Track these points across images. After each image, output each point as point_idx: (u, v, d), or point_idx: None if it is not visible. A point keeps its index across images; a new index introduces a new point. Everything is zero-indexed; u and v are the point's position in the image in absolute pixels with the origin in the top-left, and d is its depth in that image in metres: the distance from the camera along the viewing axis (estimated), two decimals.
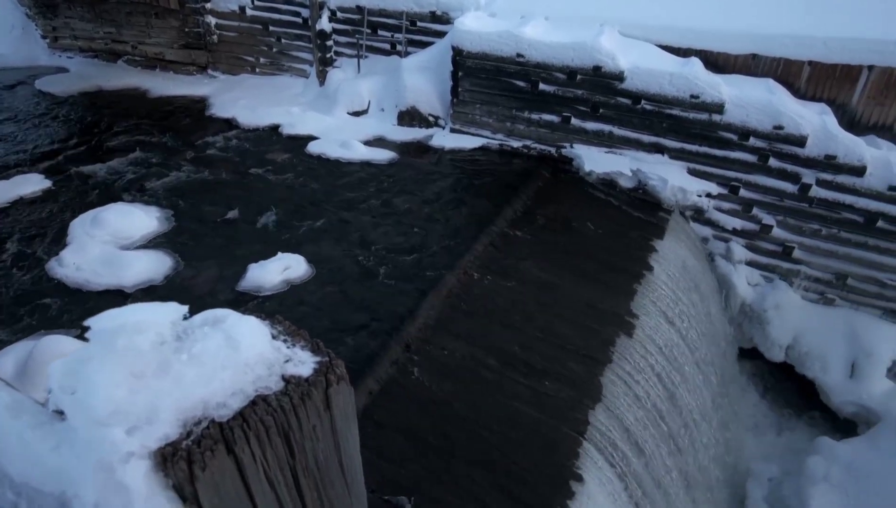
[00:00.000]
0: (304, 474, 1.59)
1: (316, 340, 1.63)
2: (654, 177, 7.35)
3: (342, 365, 1.60)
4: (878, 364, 7.06)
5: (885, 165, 6.70)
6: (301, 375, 1.52)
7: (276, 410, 1.44)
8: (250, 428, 1.40)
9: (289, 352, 1.56)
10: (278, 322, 1.65)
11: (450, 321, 5.48)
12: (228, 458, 1.39)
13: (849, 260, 7.17)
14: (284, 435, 1.48)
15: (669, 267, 6.54)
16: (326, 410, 1.58)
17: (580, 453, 4.58)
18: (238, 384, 1.44)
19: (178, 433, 1.34)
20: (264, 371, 1.49)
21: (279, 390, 1.48)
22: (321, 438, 1.60)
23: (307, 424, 1.53)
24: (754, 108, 6.94)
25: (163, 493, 1.30)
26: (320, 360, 1.57)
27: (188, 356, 1.43)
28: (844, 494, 5.91)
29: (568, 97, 7.72)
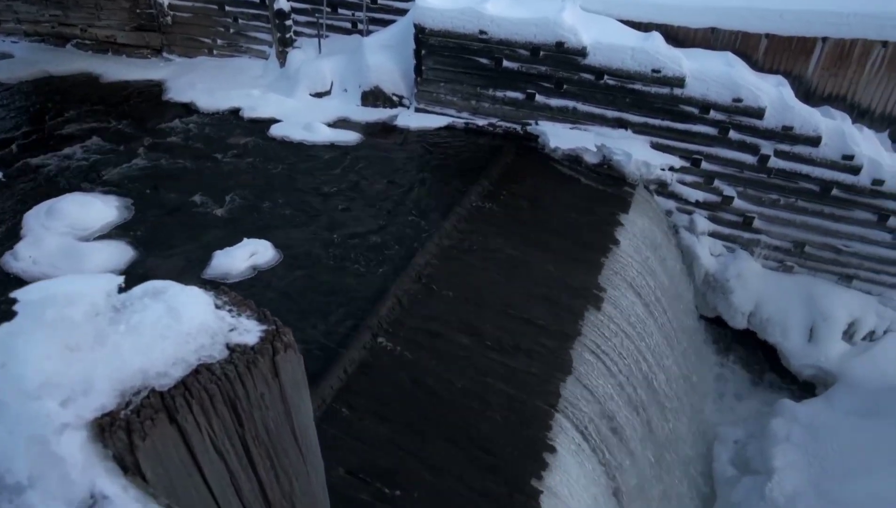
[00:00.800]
0: (255, 443, 1.59)
1: (263, 309, 1.62)
2: (619, 152, 7.43)
3: (289, 333, 1.59)
4: (835, 328, 7.34)
5: (839, 134, 6.89)
6: (246, 343, 1.50)
7: (220, 378, 1.43)
8: (193, 397, 1.39)
9: (233, 321, 1.55)
10: (223, 293, 1.63)
11: (421, 301, 5.49)
12: (171, 427, 1.38)
13: (806, 228, 7.39)
14: (231, 404, 1.47)
15: (635, 240, 6.65)
16: (275, 378, 1.57)
17: (552, 425, 4.67)
18: (180, 354, 1.43)
19: (116, 404, 1.33)
20: (207, 340, 1.47)
21: (223, 358, 1.46)
22: (270, 406, 1.59)
23: (254, 392, 1.52)
24: (714, 81, 7.05)
25: (101, 464, 1.28)
26: (266, 328, 1.56)
27: (126, 327, 1.41)
28: (804, 452, 6.16)
29: (532, 74, 7.71)
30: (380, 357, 4.94)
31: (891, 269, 7.29)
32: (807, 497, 5.86)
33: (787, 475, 6.02)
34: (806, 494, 5.88)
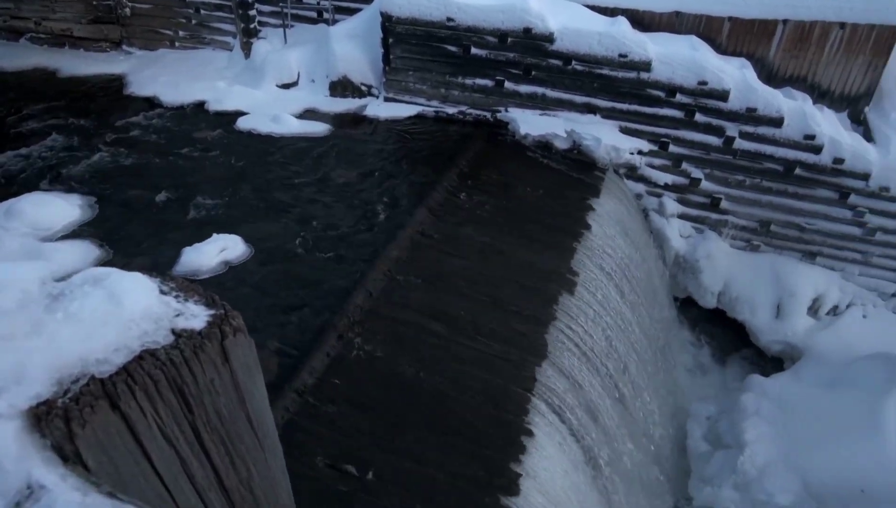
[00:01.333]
0: (207, 429, 1.58)
1: (212, 293, 1.60)
2: (588, 137, 7.49)
3: (239, 317, 1.57)
4: (800, 304, 7.55)
5: (801, 115, 7.05)
6: (193, 328, 1.48)
7: (165, 364, 1.41)
8: (136, 383, 1.37)
9: (179, 306, 1.52)
10: (170, 279, 1.61)
11: (395, 291, 5.48)
12: (114, 414, 1.35)
13: (771, 208, 7.56)
14: (178, 389, 1.45)
15: (606, 225, 6.73)
16: (225, 363, 1.55)
17: (529, 409, 4.72)
18: (122, 340, 1.41)
19: (53, 392, 1.30)
20: (151, 326, 1.45)
21: (168, 344, 1.44)
22: (221, 391, 1.57)
23: (203, 377, 1.50)
24: (679, 65, 7.14)
25: (38, 454, 1.26)
26: (215, 313, 1.53)
27: (64, 315, 1.38)
28: (774, 425, 6.34)
29: (500, 61, 7.71)
30: (355, 349, 4.92)
31: (852, 245, 7.51)
32: (777, 467, 6.04)
33: (757, 447, 6.19)
34: (776, 465, 6.06)
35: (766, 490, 5.97)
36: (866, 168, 7.01)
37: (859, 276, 7.67)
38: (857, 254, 7.56)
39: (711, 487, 6.24)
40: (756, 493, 5.99)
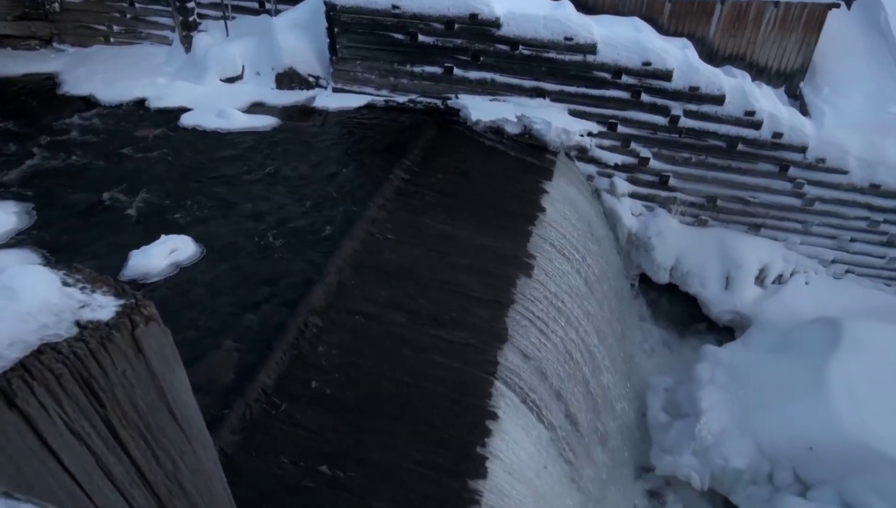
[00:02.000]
0: (123, 423, 1.52)
1: (122, 284, 1.55)
2: (539, 121, 7.55)
3: (151, 306, 1.52)
4: (747, 274, 7.85)
5: (741, 92, 7.27)
6: (100, 319, 1.43)
7: (67, 357, 1.36)
8: (35, 378, 1.31)
9: (85, 298, 1.47)
10: (76, 271, 1.54)
11: (353, 283, 5.43)
12: (11, 412, 1.29)
13: (716, 183, 7.81)
14: (85, 384, 1.39)
15: (560, 207, 6.82)
16: (138, 354, 1.50)
17: (492, 392, 4.78)
18: (17, 335, 1.35)
19: None
20: (51, 319, 1.40)
21: (72, 336, 1.39)
22: (136, 384, 1.52)
23: (114, 370, 1.45)
24: (624, 46, 7.25)
25: None
26: (124, 303, 1.48)
27: None
28: (728, 392, 6.59)
29: (448, 47, 7.68)
30: (316, 343, 4.87)
31: (793, 215, 7.83)
32: (732, 432, 6.29)
33: (713, 414, 6.42)
34: (731, 430, 6.32)
35: (722, 454, 6.21)
36: (803, 141, 7.30)
37: (801, 245, 8.01)
38: (798, 224, 7.89)
39: (672, 455, 6.45)
40: (713, 458, 6.23)
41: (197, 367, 4.64)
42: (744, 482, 6.22)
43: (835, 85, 7.81)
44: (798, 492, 5.96)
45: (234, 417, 4.21)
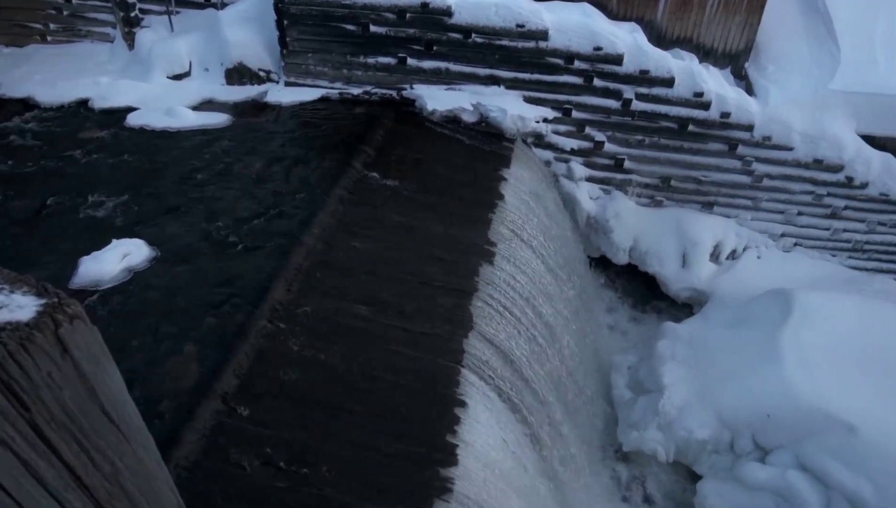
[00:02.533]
0: (52, 426, 1.47)
1: (43, 283, 1.51)
2: (494, 109, 7.58)
3: (76, 304, 1.47)
4: (703, 252, 8.08)
5: (689, 74, 7.44)
6: (19, 320, 1.38)
7: None
8: None
9: (3, 299, 1.42)
10: None
11: (315, 279, 5.38)
12: None
13: (670, 164, 7.99)
14: (6, 387, 1.34)
15: (519, 193, 6.88)
16: (64, 354, 1.45)
17: (460, 381, 4.80)
18: None
19: None
20: None
21: None
22: (64, 385, 1.47)
23: (37, 372, 1.40)
24: (574, 32, 7.33)
25: None
26: (46, 302, 1.43)
27: None
28: (688, 366, 6.79)
29: (401, 37, 7.62)
30: (279, 342, 4.81)
31: (743, 192, 8.08)
32: (693, 405, 6.49)
33: (675, 389, 6.61)
34: (692, 403, 6.51)
35: (686, 426, 6.40)
36: (750, 120, 7.53)
37: (752, 221, 8.28)
38: (748, 200, 8.14)
39: (638, 431, 6.62)
40: (677, 431, 6.42)
41: (157, 373, 4.54)
42: (707, 452, 6.43)
43: (778, 64, 8.06)
44: (758, 458, 6.20)
45: (198, 421, 4.13)
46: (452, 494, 4.17)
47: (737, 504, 6.05)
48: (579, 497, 6.46)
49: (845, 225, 8.13)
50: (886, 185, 7.72)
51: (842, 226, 8.14)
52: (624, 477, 7.09)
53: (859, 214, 8.01)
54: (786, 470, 5.92)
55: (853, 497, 5.55)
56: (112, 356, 1.64)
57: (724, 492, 6.15)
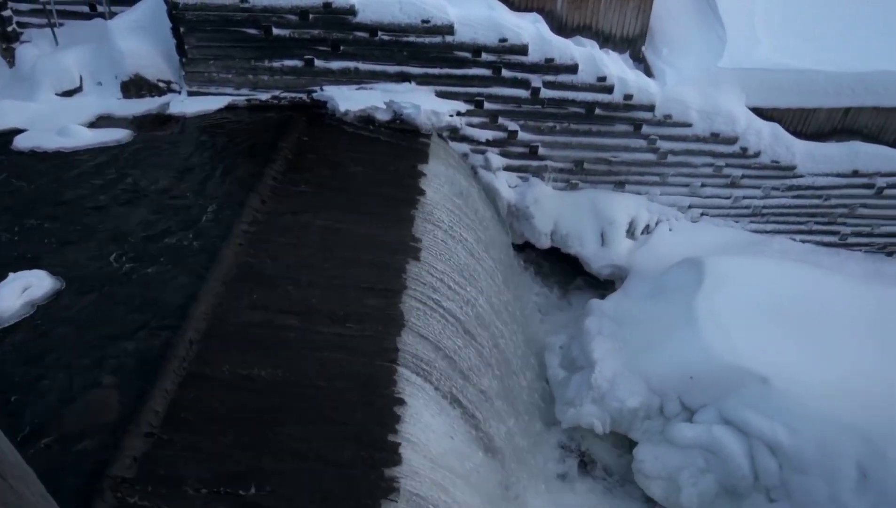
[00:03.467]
0: None
1: None
2: (408, 105, 7.59)
3: None
4: (619, 229, 8.44)
5: (592, 60, 7.72)
6: None
7: None
8: None
9: None
10: None
11: (238, 293, 5.21)
12: None
13: (581, 148, 8.28)
14: None
15: (439, 188, 6.93)
16: None
17: (397, 380, 4.80)
18: None
19: None
20: None
21: None
22: None
23: None
24: (479, 25, 7.44)
25: None
26: None
27: None
28: (614, 340, 7.08)
29: (305, 39, 7.48)
30: (206, 362, 4.64)
31: (650, 169, 8.49)
32: (623, 375, 6.78)
33: (605, 363, 6.88)
34: (622, 373, 6.80)
35: (618, 397, 6.68)
36: (651, 100, 7.91)
37: (661, 196, 8.72)
38: (656, 177, 8.57)
39: (574, 407, 6.85)
40: (611, 402, 6.69)
41: (74, 410, 4.26)
42: (639, 418, 6.74)
43: (671, 47, 8.51)
44: (686, 418, 6.56)
45: (125, 456, 3.91)
46: (399, 493, 4.17)
47: (670, 464, 6.39)
48: (525, 476, 6.62)
49: (744, 193, 8.72)
50: (776, 152, 8.34)
51: (741, 194, 8.73)
52: (566, 453, 7.31)
53: (755, 181, 8.61)
54: (711, 426, 6.30)
55: (771, 442, 5.99)
56: (17, 397, 1.54)
57: (659, 454, 6.48)
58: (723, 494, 6.25)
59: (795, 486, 5.87)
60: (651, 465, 6.46)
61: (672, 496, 6.34)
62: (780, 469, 5.97)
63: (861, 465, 5.66)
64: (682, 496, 6.26)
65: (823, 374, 6.29)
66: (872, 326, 6.80)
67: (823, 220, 9.00)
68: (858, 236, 9.16)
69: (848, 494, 5.60)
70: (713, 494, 6.25)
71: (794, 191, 8.68)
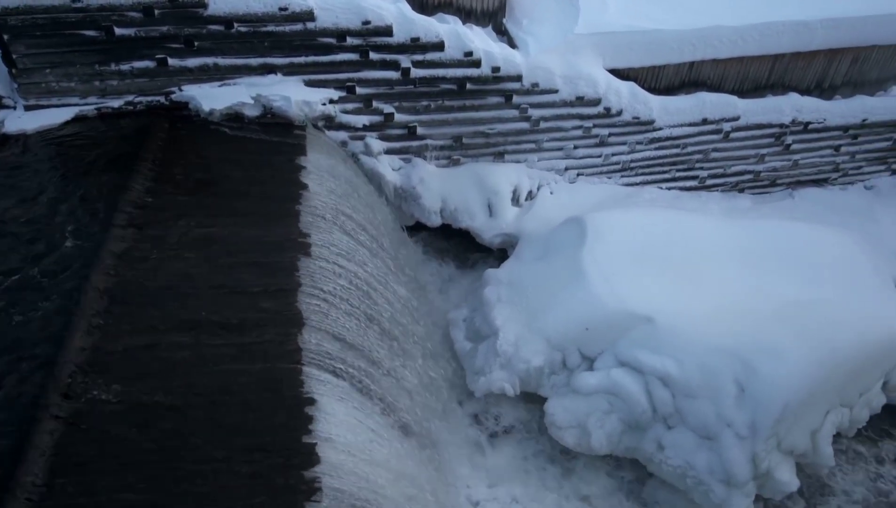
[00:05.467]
0: None
1: None
2: (277, 98, 7.31)
3: None
4: (504, 198, 8.71)
5: (456, 36, 7.82)
6: None
7: None
8: None
9: None
10: None
11: (117, 318, 4.83)
12: None
13: (457, 123, 8.41)
14: None
15: (321, 179, 6.78)
16: None
17: (303, 380, 4.70)
18: None
19: None
20: None
21: None
22: None
23: None
24: (340, 8, 7.28)
25: None
26: None
27: None
28: (514, 305, 7.34)
29: (154, 37, 6.95)
30: (90, 399, 4.28)
31: (526, 137, 8.80)
32: (525, 337, 7.07)
33: (507, 328, 7.13)
34: (524, 335, 7.09)
35: (523, 359, 6.97)
36: (518, 71, 8.16)
37: (539, 162, 9.08)
38: (532, 144, 8.91)
39: (484, 376, 7.06)
40: (517, 364, 6.96)
41: None
42: (546, 375, 7.08)
43: (530, 17, 8.81)
44: (587, 368, 6.98)
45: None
46: (322, 492, 4.12)
47: (579, 413, 6.79)
48: (447, 452, 6.77)
49: (612, 150, 9.28)
50: (636, 109, 8.93)
51: (610, 151, 9.29)
52: (483, 420, 7.55)
53: (621, 138, 9.18)
54: (610, 371, 6.75)
55: (662, 375, 6.53)
56: None
57: (567, 406, 6.86)
58: (628, 430, 6.74)
59: (687, 410, 6.45)
60: (561, 416, 6.82)
61: (584, 441, 6.75)
62: (673, 397, 6.52)
63: (738, 381, 6.30)
64: (593, 439, 6.68)
65: (699, 306, 6.91)
66: (734, 255, 7.54)
67: (683, 167, 9.81)
68: (715, 178, 10.08)
69: (730, 409, 6.23)
70: (619, 432, 6.73)
71: (655, 144, 9.36)
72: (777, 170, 10.26)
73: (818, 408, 6.57)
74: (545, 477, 7.08)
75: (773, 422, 6.12)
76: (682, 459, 6.40)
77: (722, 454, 6.21)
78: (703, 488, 6.30)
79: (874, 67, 9.99)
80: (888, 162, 10.70)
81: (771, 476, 6.35)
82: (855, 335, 6.74)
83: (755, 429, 6.13)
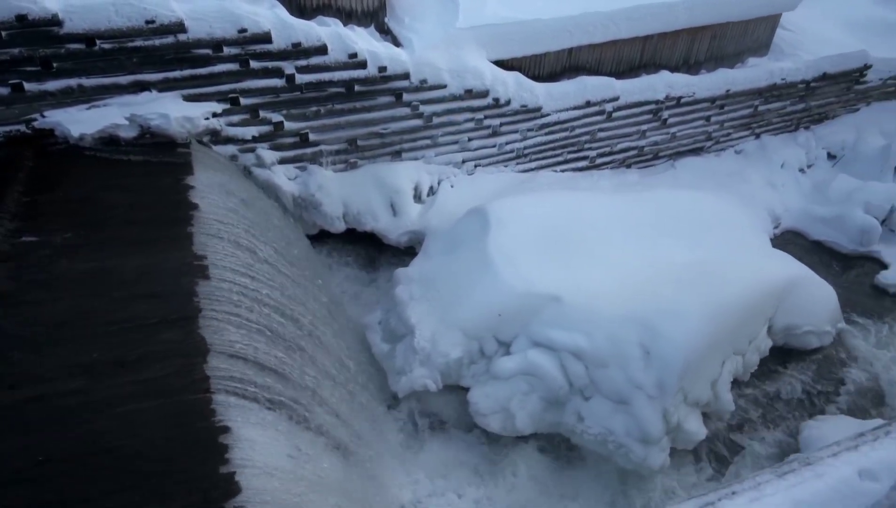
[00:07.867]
0: None
1: None
2: (154, 116, 6.90)
3: None
4: (406, 196, 8.74)
5: (339, 38, 7.73)
6: None
7: None
8: None
9: None
10: None
11: (1, 370, 4.41)
12: None
13: (350, 126, 8.33)
14: None
15: (213, 197, 6.48)
16: None
17: (215, 408, 4.50)
18: None
19: None
20: None
21: None
22: None
23: None
24: (213, 18, 6.98)
25: None
26: None
27: None
28: (426, 300, 7.39)
29: (5, 61, 6.36)
30: None
31: (421, 134, 8.87)
32: (442, 332, 7.15)
33: (422, 325, 7.18)
34: (440, 331, 7.17)
35: (442, 353, 7.04)
36: (404, 69, 8.19)
37: (436, 157, 9.18)
38: (428, 140, 8.99)
39: (405, 375, 7.07)
40: (436, 359, 7.03)
41: None
42: (465, 366, 7.20)
43: (412, 15, 8.87)
44: (504, 353, 7.16)
45: None
46: None
47: (501, 397, 6.96)
48: (378, 460, 6.72)
49: (506, 139, 9.55)
50: (523, 97, 9.23)
51: (503, 141, 9.55)
52: (411, 421, 7.56)
53: (512, 126, 9.46)
54: (525, 353, 6.97)
55: (574, 350, 6.82)
56: None
57: (489, 392, 7.01)
58: (549, 407, 7.00)
59: (601, 379, 6.79)
60: (485, 403, 6.97)
61: (509, 424, 6.94)
62: (587, 369, 6.84)
63: (643, 345, 6.70)
64: (517, 421, 6.88)
65: (602, 279, 7.28)
66: (628, 227, 8.00)
67: (574, 149, 10.26)
68: (603, 157, 10.63)
69: (639, 372, 6.61)
70: (541, 410, 6.97)
71: (545, 129, 9.72)
72: (658, 144, 10.97)
73: (715, 359, 7.12)
74: (479, 465, 7.21)
75: (677, 378, 6.56)
76: (601, 426, 6.73)
77: (636, 415, 6.59)
78: (623, 450, 6.66)
79: (731, 42, 10.91)
80: (752, 127, 11.72)
81: (681, 429, 6.82)
82: (741, 288, 7.36)
83: (663, 387, 6.55)
